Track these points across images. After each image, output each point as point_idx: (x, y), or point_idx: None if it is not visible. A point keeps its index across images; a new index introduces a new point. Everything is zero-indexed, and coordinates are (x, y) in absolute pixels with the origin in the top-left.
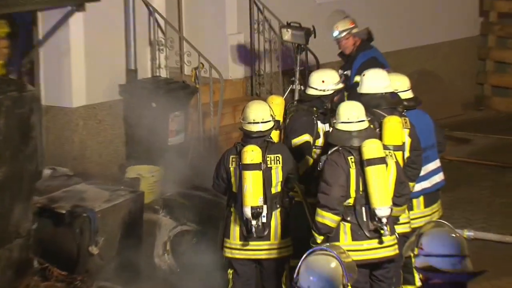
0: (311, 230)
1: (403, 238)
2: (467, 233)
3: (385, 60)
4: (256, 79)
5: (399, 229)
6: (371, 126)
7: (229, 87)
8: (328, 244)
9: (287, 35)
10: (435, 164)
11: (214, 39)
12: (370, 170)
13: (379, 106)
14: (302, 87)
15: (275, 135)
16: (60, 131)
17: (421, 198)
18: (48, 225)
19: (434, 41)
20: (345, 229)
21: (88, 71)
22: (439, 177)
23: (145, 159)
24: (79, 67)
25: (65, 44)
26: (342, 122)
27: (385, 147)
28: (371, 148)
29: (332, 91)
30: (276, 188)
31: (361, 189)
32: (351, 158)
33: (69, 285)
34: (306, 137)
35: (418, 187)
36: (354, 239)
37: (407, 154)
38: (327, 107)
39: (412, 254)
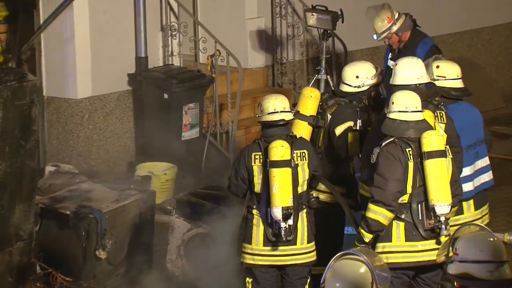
0: (335, 232)
1: None
2: (508, 237)
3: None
4: (278, 68)
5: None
6: None
7: (249, 76)
8: (359, 248)
9: (312, 19)
10: (485, 161)
11: (232, 24)
12: (430, 164)
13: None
14: (328, 77)
15: (309, 131)
16: (63, 124)
17: (471, 200)
18: (52, 227)
19: (473, 27)
20: (398, 228)
21: (94, 59)
22: (488, 176)
23: (157, 156)
24: (84, 55)
25: (69, 30)
26: (400, 111)
27: None
28: (432, 140)
29: (368, 87)
30: (302, 187)
31: (418, 184)
32: (409, 150)
33: None
34: (348, 123)
35: (467, 187)
36: (408, 239)
37: None
38: (364, 103)
39: (446, 260)
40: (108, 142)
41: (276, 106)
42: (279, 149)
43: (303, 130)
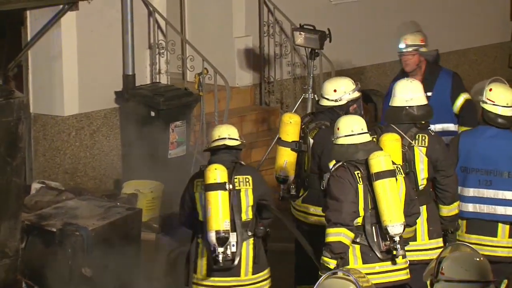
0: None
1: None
2: None
3: None
4: (266, 87)
5: None
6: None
7: (236, 95)
8: (346, 267)
9: (299, 38)
10: (499, 194)
11: (220, 43)
12: (380, 184)
13: (398, 121)
14: (315, 96)
15: (293, 157)
16: (50, 141)
17: (465, 221)
18: (38, 244)
19: (461, 47)
20: (355, 252)
21: (81, 77)
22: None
23: (144, 173)
24: (72, 72)
25: (56, 47)
26: (346, 136)
27: None
28: (380, 161)
29: (346, 101)
30: (247, 214)
31: (370, 206)
32: (358, 173)
33: None
34: None
35: (464, 207)
36: (365, 261)
37: (424, 175)
38: None
39: (429, 281)
40: (94, 159)
41: (221, 133)
42: (213, 172)
43: (287, 156)
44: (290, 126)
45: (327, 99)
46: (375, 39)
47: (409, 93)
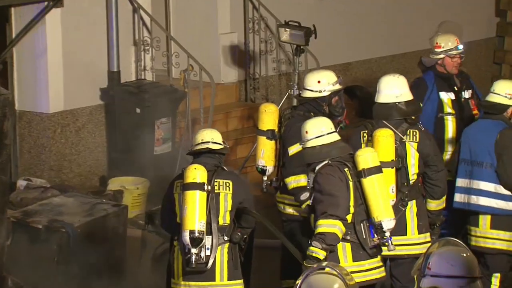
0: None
1: None
2: None
3: None
4: (251, 83)
5: None
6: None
7: (221, 91)
8: (331, 262)
9: (285, 35)
10: (477, 184)
11: (205, 39)
12: (369, 181)
13: (390, 117)
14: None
15: (270, 146)
16: (35, 138)
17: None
18: (23, 241)
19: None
20: (345, 249)
21: (66, 73)
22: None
23: (129, 170)
24: (57, 69)
25: (41, 44)
26: (317, 137)
27: None
28: (368, 157)
29: (329, 92)
30: (224, 218)
31: (359, 202)
32: (347, 170)
33: None
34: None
35: (457, 197)
36: (355, 259)
37: (415, 170)
38: (324, 110)
39: (416, 276)
40: (80, 156)
41: (204, 137)
42: (192, 171)
43: (263, 145)
44: (265, 115)
45: (311, 90)
46: (361, 35)
47: (397, 89)
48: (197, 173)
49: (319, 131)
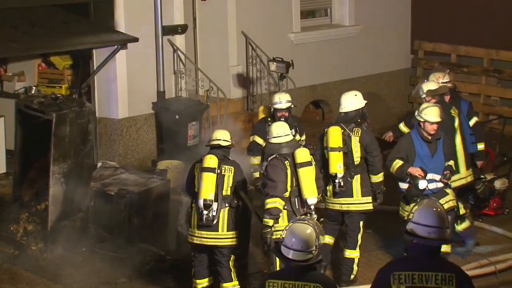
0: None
1: None
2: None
3: None
4: (251, 98)
5: None
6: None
7: (231, 104)
8: (307, 216)
9: (273, 66)
10: None
11: (221, 69)
12: (302, 171)
13: (344, 121)
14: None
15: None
16: (109, 135)
17: None
18: (101, 203)
19: (379, 71)
20: (283, 215)
21: (129, 93)
22: None
23: (171, 156)
24: (123, 89)
25: (113, 73)
26: (274, 137)
27: (326, 148)
28: (302, 155)
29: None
30: (226, 191)
31: (294, 185)
32: (287, 162)
33: (116, 246)
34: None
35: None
36: (289, 222)
37: (358, 154)
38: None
39: (406, 218)
40: (138, 147)
41: (217, 136)
42: (208, 160)
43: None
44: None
45: (289, 101)
46: (323, 66)
47: (352, 103)
48: (211, 161)
49: (276, 133)
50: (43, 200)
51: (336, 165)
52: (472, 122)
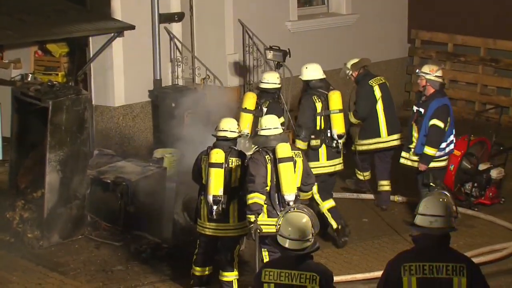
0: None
1: None
2: (398, 198)
3: (451, 107)
4: (247, 87)
5: None
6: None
7: (228, 92)
8: (300, 205)
9: (269, 55)
10: None
11: (217, 58)
12: (281, 166)
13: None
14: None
15: (247, 120)
16: (106, 123)
17: None
18: (98, 191)
19: (376, 60)
20: (263, 209)
21: (126, 80)
22: None
23: (167, 144)
24: (119, 77)
25: (109, 60)
26: (263, 129)
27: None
28: (282, 150)
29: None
30: (235, 183)
31: (275, 180)
32: (268, 157)
33: (112, 234)
34: None
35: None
36: (269, 216)
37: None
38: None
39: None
40: (135, 135)
41: (224, 126)
42: (214, 155)
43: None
44: (247, 98)
45: (275, 83)
46: (316, 55)
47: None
48: (218, 156)
49: (265, 125)
50: (39, 187)
51: (342, 126)
52: (430, 123)
